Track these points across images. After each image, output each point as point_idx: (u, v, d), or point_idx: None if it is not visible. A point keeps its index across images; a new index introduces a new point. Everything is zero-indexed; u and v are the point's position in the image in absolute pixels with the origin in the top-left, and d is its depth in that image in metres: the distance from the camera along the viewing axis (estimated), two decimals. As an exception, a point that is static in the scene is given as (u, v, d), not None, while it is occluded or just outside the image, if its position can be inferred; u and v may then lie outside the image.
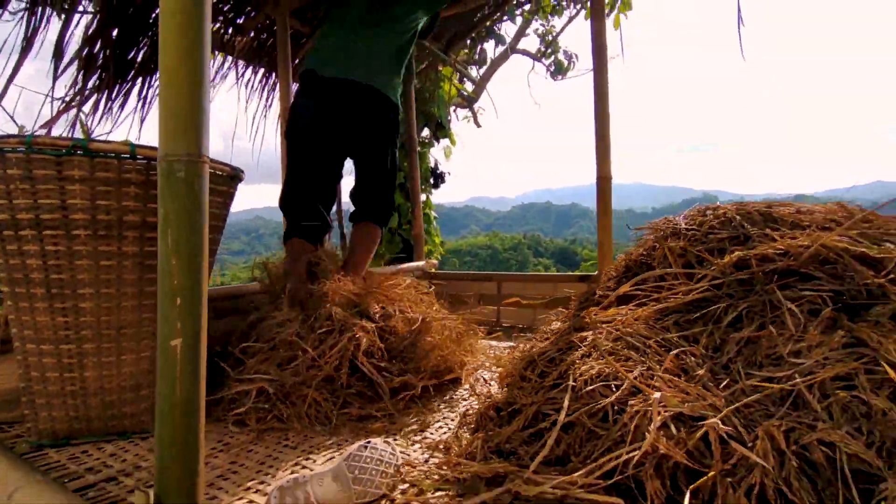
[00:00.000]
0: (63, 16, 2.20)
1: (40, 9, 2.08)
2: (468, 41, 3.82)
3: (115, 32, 2.38)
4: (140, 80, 2.56)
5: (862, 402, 0.82)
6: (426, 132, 4.83)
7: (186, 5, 0.71)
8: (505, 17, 4.07)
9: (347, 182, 2.38)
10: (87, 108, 2.42)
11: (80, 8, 2.20)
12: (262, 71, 3.27)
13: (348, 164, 2.29)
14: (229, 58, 3.10)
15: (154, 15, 2.41)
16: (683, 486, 0.82)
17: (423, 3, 2.25)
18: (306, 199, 2.07)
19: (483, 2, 3.03)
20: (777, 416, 0.83)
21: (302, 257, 1.92)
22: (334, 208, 3.06)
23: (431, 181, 4.96)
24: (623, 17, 5.38)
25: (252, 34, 3.02)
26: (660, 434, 0.82)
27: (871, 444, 0.77)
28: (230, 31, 2.93)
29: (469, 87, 6.03)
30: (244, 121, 3.70)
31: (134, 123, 2.71)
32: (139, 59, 2.56)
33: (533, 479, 0.88)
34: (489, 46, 5.02)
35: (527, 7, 4.25)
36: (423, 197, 4.83)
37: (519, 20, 4.88)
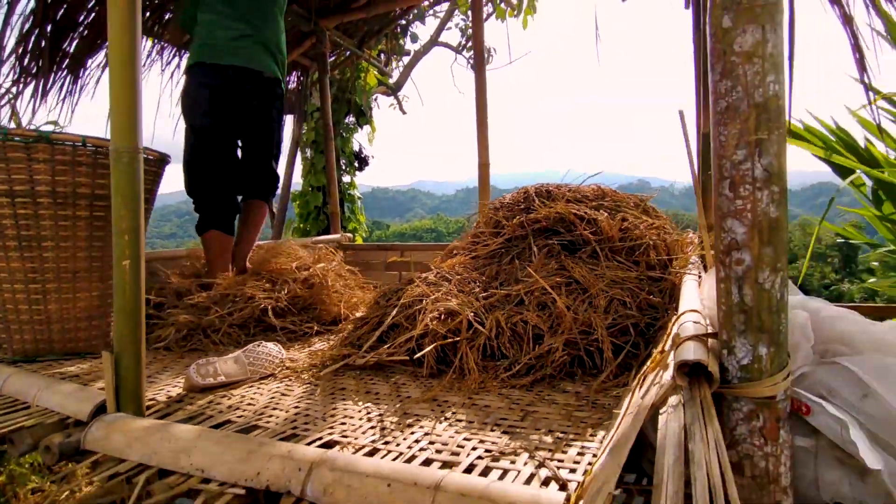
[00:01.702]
0: (3, 15, 2.48)
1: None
2: (383, 37, 4.26)
3: (48, 28, 2.67)
4: (69, 73, 2.85)
5: (553, 301, 1.40)
6: (350, 118, 5.25)
7: (125, 46, 1.15)
8: (415, 20, 4.53)
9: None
10: (28, 91, 2.71)
11: (19, 9, 2.48)
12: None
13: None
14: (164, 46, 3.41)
15: (81, 18, 2.72)
16: (448, 351, 1.37)
17: None
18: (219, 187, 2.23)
19: (390, 8, 3.48)
20: (504, 309, 1.40)
21: (224, 254, 2.23)
22: None
23: (356, 164, 5.40)
24: (530, 19, 6.00)
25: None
26: (433, 321, 1.36)
27: (547, 320, 1.34)
28: (165, 17, 3.23)
29: (396, 75, 6.44)
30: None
31: (66, 107, 3.00)
32: (71, 51, 2.85)
33: (362, 355, 1.41)
34: (407, 42, 5.47)
35: (438, 7, 4.72)
36: (347, 178, 5.26)
37: (432, 20, 5.35)
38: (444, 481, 0.74)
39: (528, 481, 0.79)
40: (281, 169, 4.66)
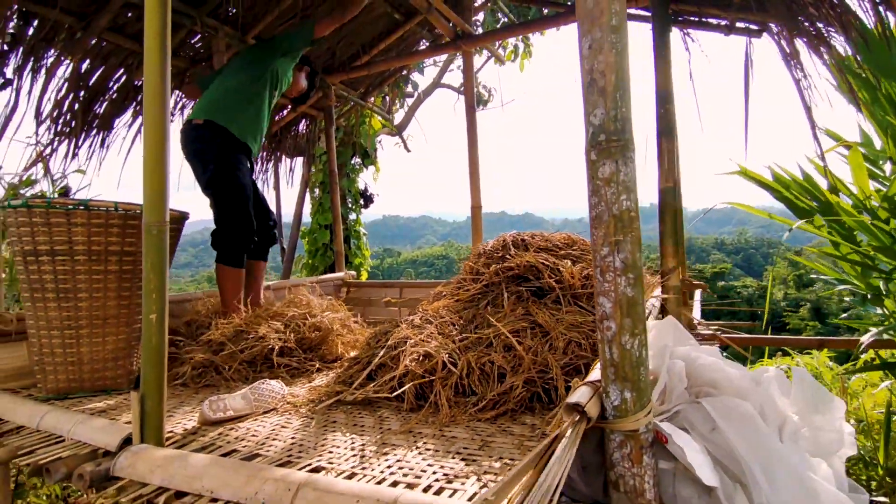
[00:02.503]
0: (42, 81, 2.81)
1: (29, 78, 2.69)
2: (385, 87, 4.58)
3: (82, 93, 2.99)
4: (101, 132, 3.16)
5: (518, 342, 1.59)
6: (356, 160, 5.56)
7: (157, 142, 1.40)
8: (414, 70, 4.87)
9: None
10: (63, 149, 3.02)
11: (56, 77, 2.81)
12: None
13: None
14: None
15: (111, 84, 3.04)
16: (426, 388, 1.57)
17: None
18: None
19: (389, 66, 3.80)
20: (476, 350, 1.60)
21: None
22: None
23: (362, 202, 5.68)
24: (527, 62, 6.32)
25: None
26: (412, 363, 1.56)
27: (511, 361, 1.54)
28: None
29: (401, 115, 6.79)
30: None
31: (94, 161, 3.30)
32: (101, 112, 3.17)
33: (352, 392, 1.62)
34: (409, 87, 5.81)
35: (437, 58, 5.06)
36: (353, 216, 5.54)
37: (432, 68, 5.69)
38: (400, 498, 0.93)
39: (471, 498, 0.98)
40: (290, 208, 4.89)
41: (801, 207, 2.69)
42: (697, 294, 3.91)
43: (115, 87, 3.11)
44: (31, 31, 2.56)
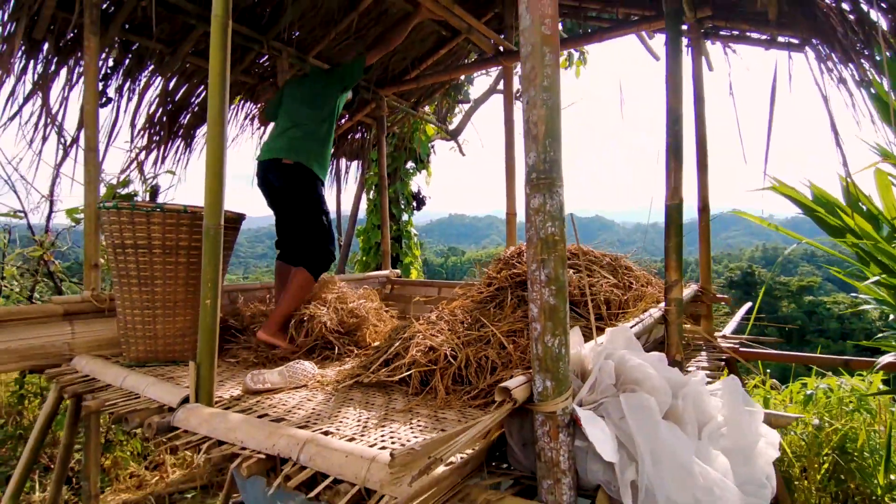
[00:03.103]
0: (136, 98, 3.29)
1: (126, 95, 3.17)
2: (437, 97, 4.85)
3: (169, 107, 3.46)
4: (183, 140, 3.64)
5: (513, 340, 1.79)
6: (410, 164, 5.87)
7: (217, 162, 1.71)
8: (466, 81, 5.09)
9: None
10: (152, 156, 3.51)
11: (147, 95, 3.28)
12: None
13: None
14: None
15: (193, 99, 3.50)
16: (431, 376, 1.80)
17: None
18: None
19: (437, 80, 4.06)
20: (475, 346, 1.81)
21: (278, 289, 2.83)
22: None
23: (414, 204, 5.98)
24: (583, 69, 6.39)
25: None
26: (417, 353, 1.80)
27: (504, 357, 1.73)
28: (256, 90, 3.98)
29: (458, 121, 7.03)
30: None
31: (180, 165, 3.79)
32: (185, 122, 3.64)
33: (368, 374, 1.88)
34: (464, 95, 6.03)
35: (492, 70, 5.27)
36: (405, 217, 5.86)
37: (485, 77, 5.88)
38: (377, 457, 1.17)
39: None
40: (348, 206, 5.26)
41: (834, 227, 2.67)
42: (743, 308, 3.87)
43: (196, 102, 3.57)
44: (128, 57, 3.03)
